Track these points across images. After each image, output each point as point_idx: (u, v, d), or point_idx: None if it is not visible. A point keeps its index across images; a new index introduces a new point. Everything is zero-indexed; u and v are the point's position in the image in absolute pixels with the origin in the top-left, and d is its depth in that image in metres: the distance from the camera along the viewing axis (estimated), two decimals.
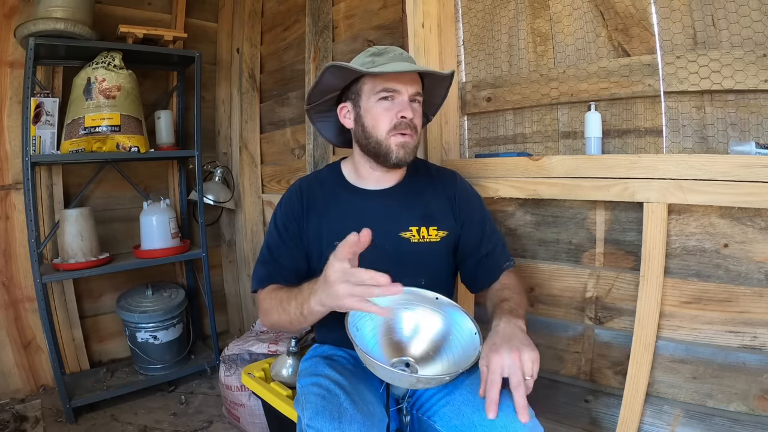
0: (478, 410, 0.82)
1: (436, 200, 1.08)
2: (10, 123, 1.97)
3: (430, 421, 0.91)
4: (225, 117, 2.57)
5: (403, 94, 0.98)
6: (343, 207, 1.06)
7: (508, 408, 0.80)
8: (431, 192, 1.09)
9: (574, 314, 1.18)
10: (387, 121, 0.98)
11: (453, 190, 1.10)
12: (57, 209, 2.05)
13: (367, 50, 1.03)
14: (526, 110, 1.26)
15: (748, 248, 0.92)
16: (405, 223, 1.04)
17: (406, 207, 1.06)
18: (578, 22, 1.15)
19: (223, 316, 2.70)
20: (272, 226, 1.08)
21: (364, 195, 1.07)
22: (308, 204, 1.06)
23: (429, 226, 1.04)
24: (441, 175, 1.14)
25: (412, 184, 1.09)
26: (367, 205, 1.06)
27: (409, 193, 1.08)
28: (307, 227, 1.05)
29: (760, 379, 0.91)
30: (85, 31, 1.79)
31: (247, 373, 1.39)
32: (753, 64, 0.91)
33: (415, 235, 1.03)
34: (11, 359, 2.00)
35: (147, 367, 2.08)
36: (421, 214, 1.05)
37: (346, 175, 1.10)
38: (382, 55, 1.00)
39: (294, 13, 2.08)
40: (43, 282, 1.75)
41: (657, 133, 1.05)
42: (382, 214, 1.04)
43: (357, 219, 1.03)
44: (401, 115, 0.97)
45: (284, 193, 1.10)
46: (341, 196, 1.07)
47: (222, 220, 2.67)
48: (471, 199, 1.11)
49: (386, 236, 1.01)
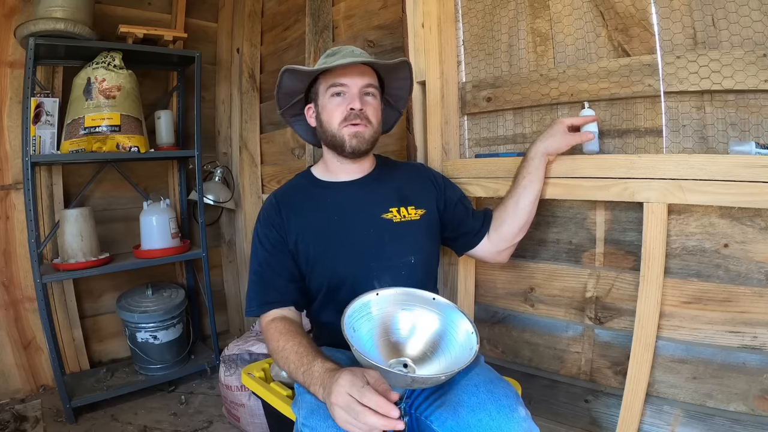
0: (473, 411, 0.82)
1: (409, 184, 1.15)
2: (10, 123, 1.97)
3: (427, 421, 0.91)
4: (225, 117, 2.57)
5: (351, 88, 1.04)
6: (321, 201, 1.10)
7: (504, 407, 0.80)
8: (402, 177, 1.16)
9: (574, 314, 1.18)
10: (338, 114, 1.04)
11: (427, 175, 1.20)
12: (57, 209, 2.05)
13: (324, 53, 1.11)
14: (526, 110, 1.26)
15: (748, 248, 0.92)
16: (384, 205, 1.09)
17: (381, 191, 1.11)
18: (578, 22, 1.15)
19: (223, 316, 2.70)
20: (256, 243, 1.09)
21: (339, 187, 1.12)
22: (285, 211, 1.08)
23: (407, 206, 1.10)
24: (409, 165, 1.25)
25: (382, 172, 1.16)
26: (344, 195, 1.10)
27: (382, 179, 1.14)
28: (288, 232, 1.06)
29: (760, 379, 0.91)
30: (85, 31, 1.79)
31: (247, 373, 1.39)
32: (753, 64, 0.91)
33: (396, 215, 1.08)
34: (11, 359, 2.00)
35: (147, 367, 2.08)
36: (397, 196, 1.11)
37: (317, 175, 1.16)
38: (335, 55, 1.07)
39: (294, 13, 2.08)
40: (43, 282, 1.75)
41: (657, 133, 1.05)
42: (361, 200, 1.09)
43: (336, 209, 1.08)
44: (350, 107, 1.03)
45: (260, 211, 1.12)
46: (316, 194, 1.12)
47: (222, 220, 2.67)
48: (446, 181, 1.21)
49: (369, 220, 1.06)
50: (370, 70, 1.08)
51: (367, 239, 1.04)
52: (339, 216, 1.07)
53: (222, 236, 2.68)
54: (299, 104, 1.18)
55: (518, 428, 0.79)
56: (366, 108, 1.05)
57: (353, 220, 1.06)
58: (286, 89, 1.12)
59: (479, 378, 0.90)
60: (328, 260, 1.04)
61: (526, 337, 1.28)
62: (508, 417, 0.79)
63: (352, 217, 1.07)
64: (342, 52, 1.08)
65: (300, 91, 1.14)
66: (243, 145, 2.43)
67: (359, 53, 1.08)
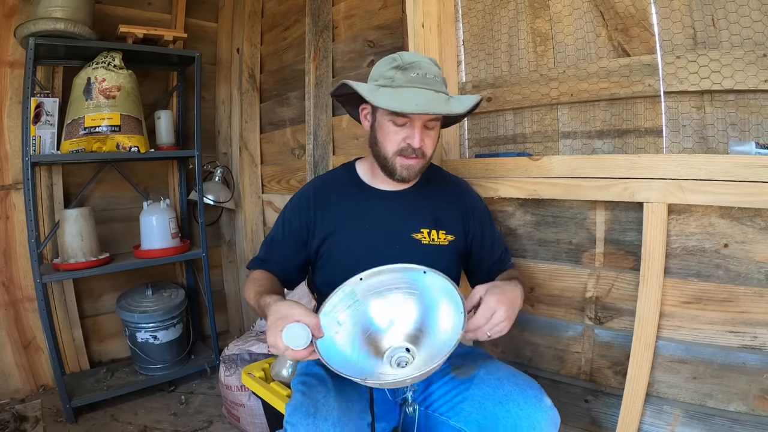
0: (501, 403, 0.83)
1: (446, 206, 1.09)
2: (10, 123, 1.97)
3: (443, 418, 0.91)
4: (225, 117, 2.57)
5: (414, 122, 0.95)
6: (357, 206, 1.07)
7: (530, 397, 0.82)
8: (443, 198, 1.10)
9: (574, 314, 1.18)
10: (395, 143, 0.97)
11: (465, 201, 1.12)
12: (57, 209, 2.05)
13: (392, 59, 0.97)
14: (526, 110, 1.26)
15: (748, 248, 0.92)
16: (417, 225, 1.05)
17: (418, 209, 1.07)
18: (578, 22, 1.15)
19: (223, 316, 2.70)
20: (280, 218, 1.12)
21: (378, 195, 1.08)
22: (318, 207, 1.07)
23: (439, 229, 1.05)
24: (453, 184, 1.15)
25: (425, 188, 1.10)
26: (381, 205, 1.07)
27: (422, 197, 1.08)
28: (316, 228, 1.06)
29: (760, 379, 0.91)
30: (85, 31, 1.79)
31: (247, 373, 1.39)
32: (753, 64, 0.91)
33: (426, 237, 1.04)
34: (11, 359, 2.00)
35: (147, 367, 2.08)
36: (432, 217, 1.06)
37: (360, 174, 1.11)
38: (406, 71, 0.94)
39: (294, 13, 2.08)
40: (43, 282, 1.75)
41: (657, 133, 1.05)
42: (396, 214, 1.06)
43: (370, 218, 1.05)
44: (408, 142, 0.96)
45: (296, 194, 1.13)
46: (355, 196, 1.08)
47: (222, 220, 2.67)
48: (481, 209, 1.14)
49: (399, 237, 1.03)
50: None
51: (391, 256, 0.95)
52: (371, 225, 1.04)
53: (222, 236, 2.68)
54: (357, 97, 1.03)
55: (545, 417, 0.80)
56: (425, 143, 0.97)
57: (383, 234, 1.04)
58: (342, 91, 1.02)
59: (501, 372, 0.91)
60: (348, 269, 0.97)
61: (526, 337, 1.28)
62: (535, 406, 0.81)
63: (383, 230, 1.04)
64: (413, 71, 0.93)
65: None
66: (243, 145, 2.43)
67: (432, 78, 0.94)
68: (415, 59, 0.96)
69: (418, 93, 0.91)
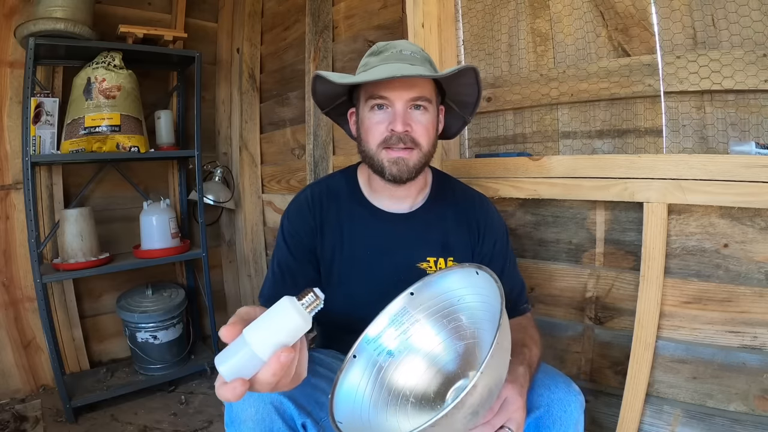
0: (533, 389, 0.80)
1: (456, 228, 0.98)
2: (10, 123, 1.97)
3: None
4: (225, 117, 2.57)
5: (395, 102, 0.85)
6: (361, 230, 0.96)
7: (560, 383, 0.81)
8: (453, 218, 0.99)
9: (574, 314, 1.18)
10: (377, 134, 0.87)
11: (477, 218, 0.99)
12: (57, 209, 2.05)
13: (370, 49, 0.93)
14: (526, 110, 1.26)
15: (748, 248, 0.92)
16: (424, 254, 0.95)
17: (426, 236, 0.97)
18: (578, 22, 1.15)
19: (223, 316, 2.70)
20: (281, 240, 0.96)
21: (384, 219, 0.97)
22: (321, 216, 0.96)
23: (447, 256, 0.96)
24: (467, 200, 1.01)
25: (434, 208, 0.99)
26: (386, 230, 0.96)
27: (431, 219, 0.98)
28: (322, 242, 0.95)
29: (760, 379, 0.91)
30: (85, 31, 1.79)
31: None
32: (753, 64, 0.91)
33: (432, 267, 0.95)
34: (11, 359, 2.00)
35: (147, 367, 2.08)
36: (440, 242, 0.97)
37: (361, 185, 1.00)
38: (380, 54, 0.88)
39: (294, 13, 2.08)
40: (43, 282, 1.75)
41: (657, 133, 1.05)
42: (402, 239, 0.96)
43: (372, 243, 0.95)
44: (391, 129, 0.85)
45: (290, 204, 0.99)
46: (357, 215, 0.97)
47: (222, 220, 2.67)
48: (497, 231, 0.99)
49: (402, 266, 0.94)
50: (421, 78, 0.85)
51: (390, 286, 0.83)
52: (372, 251, 0.95)
53: (222, 236, 2.68)
54: (345, 104, 0.99)
55: (576, 400, 0.81)
56: (413, 127, 0.85)
57: (386, 263, 0.94)
58: (322, 94, 0.95)
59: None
60: (346, 297, 0.93)
61: None
62: (566, 390, 0.81)
63: (386, 258, 0.95)
64: (388, 51, 0.87)
65: (341, 94, 0.96)
66: (243, 145, 2.43)
67: (409, 54, 0.87)
68: (391, 42, 0.91)
69: (390, 66, 0.84)
